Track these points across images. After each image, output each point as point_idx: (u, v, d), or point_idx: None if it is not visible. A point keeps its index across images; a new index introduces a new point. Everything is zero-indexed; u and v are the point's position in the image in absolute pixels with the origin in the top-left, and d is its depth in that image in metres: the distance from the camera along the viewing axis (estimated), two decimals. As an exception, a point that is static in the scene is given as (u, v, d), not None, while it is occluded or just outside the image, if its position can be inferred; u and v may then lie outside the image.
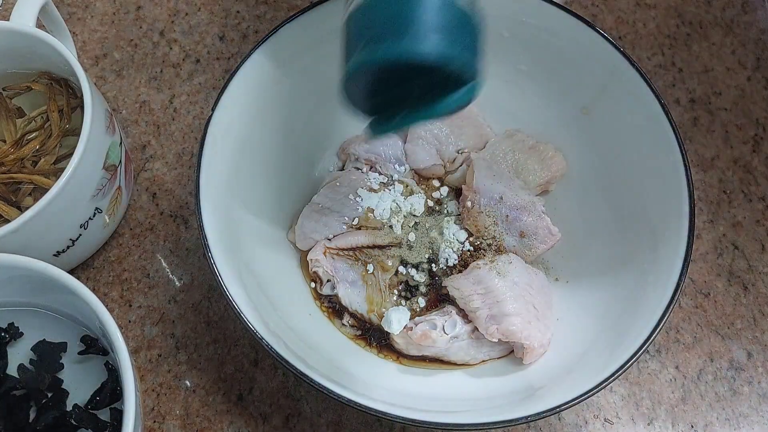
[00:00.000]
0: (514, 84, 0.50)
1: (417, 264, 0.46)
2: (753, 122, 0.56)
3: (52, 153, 0.44)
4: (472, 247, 0.47)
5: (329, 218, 0.47)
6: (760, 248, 0.51)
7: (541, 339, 0.42)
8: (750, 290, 0.50)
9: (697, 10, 0.61)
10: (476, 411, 0.38)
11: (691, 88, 0.57)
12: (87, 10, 0.59)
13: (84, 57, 0.57)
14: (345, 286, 0.45)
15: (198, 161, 0.40)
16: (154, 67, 0.57)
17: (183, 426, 0.44)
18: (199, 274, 0.49)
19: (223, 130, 0.42)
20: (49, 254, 0.42)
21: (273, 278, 0.43)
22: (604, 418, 0.45)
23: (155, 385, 0.45)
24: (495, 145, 0.50)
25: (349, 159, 0.50)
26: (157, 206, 0.51)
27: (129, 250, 0.49)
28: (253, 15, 0.59)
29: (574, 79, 0.47)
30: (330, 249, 0.45)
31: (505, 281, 0.43)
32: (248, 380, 0.45)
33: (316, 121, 0.49)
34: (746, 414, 0.46)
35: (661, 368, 0.47)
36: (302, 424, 0.44)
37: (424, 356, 0.43)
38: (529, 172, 0.49)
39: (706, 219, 0.52)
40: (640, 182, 0.44)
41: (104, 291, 0.48)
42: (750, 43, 0.60)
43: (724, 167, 0.54)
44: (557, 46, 0.46)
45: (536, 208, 0.46)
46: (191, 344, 0.46)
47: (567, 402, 0.35)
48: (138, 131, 0.54)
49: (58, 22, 0.48)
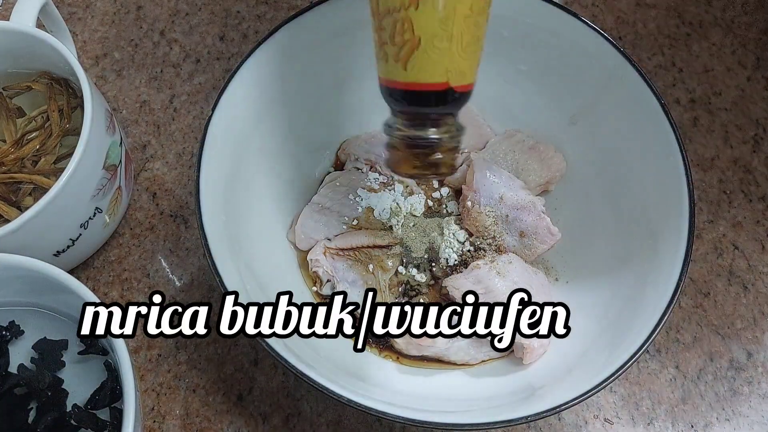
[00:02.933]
0: (514, 84, 0.50)
1: (417, 264, 0.46)
2: (753, 122, 0.56)
3: (52, 153, 0.44)
4: (472, 247, 0.47)
5: (329, 218, 0.47)
6: (760, 248, 0.51)
7: (541, 339, 0.42)
8: (750, 290, 0.50)
9: (697, 10, 0.61)
10: (476, 411, 0.38)
11: (691, 88, 0.57)
12: (87, 9, 0.59)
13: (84, 57, 0.57)
14: (345, 286, 0.45)
15: (198, 161, 0.40)
16: (155, 67, 0.57)
17: (183, 426, 0.44)
18: (199, 274, 0.49)
19: (223, 130, 0.42)
20: (49, 254, 0.42)
21: (273, 278, 0.43)
22: (604, 418, 0.45)
23: (155, 385, 0.45)
24: (495, 145, 0.50)
25: (349, 159, 0.50)
26: (157, 206, 0.51)
27: (129, 250, 0.49)
28: (253, 15, 0.59)
29: (574, 79, 0.47)
30: (330, 249, 0.45)
31: (505, 281, 0.43)
32: (248, 380, 0.45)
33: (316, 121, 0.49)
34: (746, 414, 0.46)
35: (661, 368, 0.47)
36: (302, 424, 0.44)
37: (424, 356, 0.43)
38: (529, 172, 0.49)
39: (706, 219, 0.52)
40: (640, 182, 0.44)
41: (104, 291, 0.48)
42: (750, 43, 0.60)
43: (724, 167, 0.54)
44: (557, 46, 0.46)
45: (536, 208, 0.46)
46: (191, 344, 0.46)
47: (567, 402, 0.35)
48: (138, 131, 0.54)
49: (58, 22, 0.48)
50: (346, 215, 0.47)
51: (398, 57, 0.32)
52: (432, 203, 0.49)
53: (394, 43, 0.32)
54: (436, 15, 0.31)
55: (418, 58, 0.32)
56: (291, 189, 0.49)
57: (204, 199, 0.39)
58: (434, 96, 0.33)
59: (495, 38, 0.48)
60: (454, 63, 0.32)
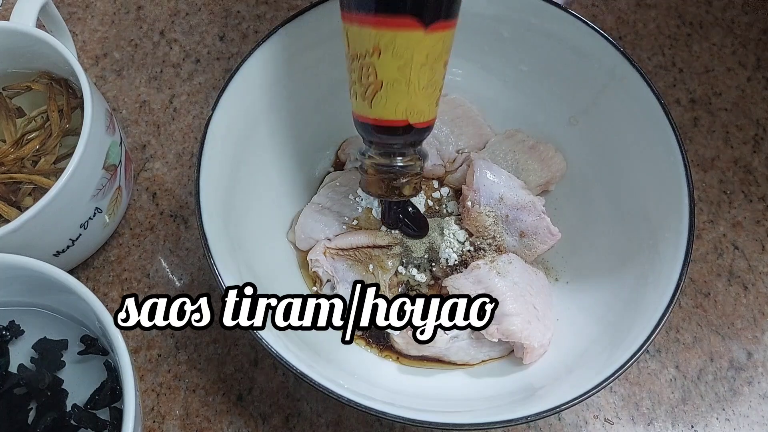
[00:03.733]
0: (515, 84, 0.50)
1: (417, 264, 0.46)
2: (753, 122, 0.56)
3: (52, 153, 0.44)
4: (472, 247, 0.47)
5: (329, 218, 0.47)
6: (760, 248, 0.51)
7: (541, 339, 0.42)
8: (750, 290, 0.50)
9: (697, 10, 0.61)
10: (476, 411, 0.38)
11: (691, 89, 0.57)
12: (87, 9, 0.59)
13: (84, 57, 0.57)
14: (345, 286, 0.45)
15: (198, 161, 0.40)
16: (154, 67, 0.57)
17: (183, 426, 0.44)
18: (199, 274, 0.49)
19: (223, 130, 0.42)
20: (49, 254, 0.42)
21: (273, 278, 0.43)
22: (604, 418, 0.45)
23: (155, 385, 0.45)
24: (495, 145, 0.50)
25: (349, 159, 0.50)
26: (157, 206, 0.51)
27: (129, 250, 0.49)
28: (253, 15, 0.59)
29: (574, 79, 0.47)
30: (330, 249, 0.45)
31: (505, 281, 0.43)
32: (248, 380, 0.45)
33: (316, 121, 0.49)
34: (746, 414, 0.46)
35: (661, 368, 0.47)
36: (302, 424, 0.44)
37: (424, 356, 0.43)
38: (529, 172, 0.49)
39: (706, 219, 0.52)
40: (640, 182, 0.44)
41: (104, 291, 0.48)
42: (750, 43, 0.60)
43: (724, 167, 0.54)
44: (557, 47, 0.46)
45: (536, 208, 0.46)
46: (191, 344, 0.46)
47: (567, 402, 0.35)
48: (138, 131, 0.54)
49: (58, 22, 0.48)
50: (346, 215, 0.47)
51: (365, 96, 0.36)
52: (432, 203, 0.49)
53: (362, 84, 0.36)
54: (396, 63, 0.34)
55: (380, 98, 0.36)
56: (291, 189, 0.49)
57: (204, 199, 0.39)
58: (397, 129, 0.37)
59: (495, 38, 0.49)
60: (413, 104, 0.36)
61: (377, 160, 0.40)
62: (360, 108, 0.38)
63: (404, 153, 0.39)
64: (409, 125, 0.37)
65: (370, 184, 0.41)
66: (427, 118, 0.38)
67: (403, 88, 0.35)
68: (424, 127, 0.38)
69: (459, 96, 0.51)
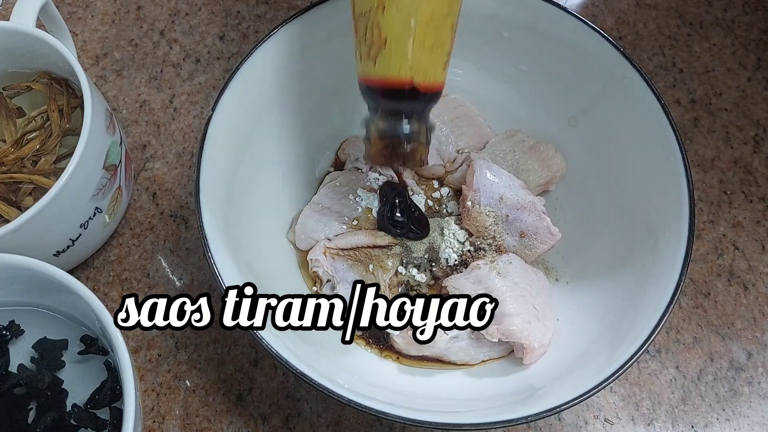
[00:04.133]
0: (515, 84, 0.50)
1: (417, 264, 0.46)
2: (753, 123, 0.56)
3: (52, 153, 0.44)
4: (472, 247, 0.47)
5: (329, 218, 0.47)
6: (760, 248, 0.51)
7: (541, 339, 0.42)
8: (750, 290, 0.50)
9: (697, 10, 0.61)
10: (476, 411, 0.38)
11: (691, 89, 0.57)
12: (87, 9, 0.59)
13: (84, 57, 0.57)
14: (345, 286, 0.45)
15: (198, 161, 0.40)
16: (155, 66, 0.57)
17: (183, 426, 0.44)
18: (199, 274, 0.49)
19: (223, 130, 0.42)
20: (49, 254, 0.42)
21: (273, 278, 0.43)
22: (604, 418, 0.45)
23: (155, 385, 0.45)
24: (495, 145, 0.50)
25: (349, 159, 0.50)
26: (157, 206, 0.51)
27: (129, 250, 0.49)
28: (253, 15, 0.59)
29: (574, 79, 0.47)
30: (330, 249, 0.45)
31: (505, 281, 0.43)
32: (248, 380, 0.45)
33: (316, 121, 0.49)
34: (746, 414, 0.46)
35: (661, 368, 0.47)
36: (302, 424, 0.44)
37: (424, 356, 0.43)
38: (529, 172, 0.49)
39: (706, 219, 0.52)
40: (640, 182, 0.44)
41: (104, 291, 0.48)
42: (750, 43, 0.60)
43: (724, 168, 0.54)
44: (557, 47, 0.46)
45: (536, 208, 0.46)
46: (191, 344, 0.46)
47: (567, 402, 0.35)
48: (138, 131, 0.54)
49: (58, 22, 0.48)
50: (346, 215, 0.47)
51: (369, 54, 0.36)
52: (432, 203, 0.49)
53: (366, 43, 0.36)
54: (400, 18, 0.34)
55: (385, 55, 0.36)
56: (291, 189, 0.49)
57: (204, 199, 0.39)
58: (402, 93, 0.36)
59: (495, 38, 0.49)
60: (417, 62, 0.35)
61: (382, 126, 0.38)
62: (365, 68, 0.37)
63: (410, 119, 0.38)
64: (415, 89, 0.36)
65: (374, 152, 0.39)
66: (432, 79, 0.37)
67: (407, 44, 0.35)
68: (430, 92, 0.37)
69: (459, 96, 0.51)
